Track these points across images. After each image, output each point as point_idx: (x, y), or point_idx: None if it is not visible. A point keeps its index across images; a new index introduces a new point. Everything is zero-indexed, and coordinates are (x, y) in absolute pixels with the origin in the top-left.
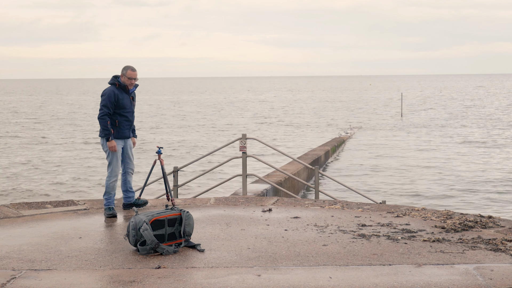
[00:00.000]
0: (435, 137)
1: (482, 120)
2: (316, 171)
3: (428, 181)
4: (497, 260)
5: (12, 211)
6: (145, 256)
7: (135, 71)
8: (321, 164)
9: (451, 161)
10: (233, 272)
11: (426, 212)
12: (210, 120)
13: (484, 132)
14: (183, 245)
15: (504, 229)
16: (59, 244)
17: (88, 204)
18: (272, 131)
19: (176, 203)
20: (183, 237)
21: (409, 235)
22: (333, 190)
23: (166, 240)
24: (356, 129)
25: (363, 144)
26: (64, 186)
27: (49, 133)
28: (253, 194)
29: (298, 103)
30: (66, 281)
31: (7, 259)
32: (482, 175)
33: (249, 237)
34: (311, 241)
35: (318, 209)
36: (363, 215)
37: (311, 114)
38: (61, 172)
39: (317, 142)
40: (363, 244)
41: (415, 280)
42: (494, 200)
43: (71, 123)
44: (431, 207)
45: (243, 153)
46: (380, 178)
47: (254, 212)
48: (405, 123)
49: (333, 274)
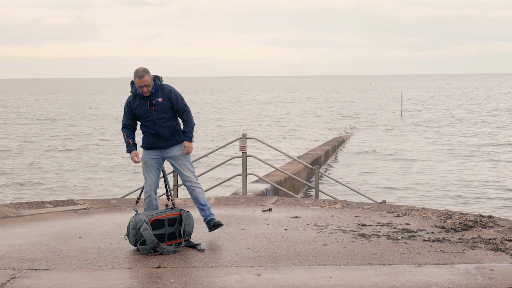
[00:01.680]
0: (435, 137)
1: (482, 121)
2: (316, 171)
3: (428, 181)
4: (497, 260)
5: (12, 211)
6: (145, 255)
7: (142, 78)
8: (321, 163)
9: (451, 161)
10: (233, 272)
11: (426, 211)
12: (211, 120)
13: (485, 132)
14: (183, 245)
15: (504, 229)
16: (59, 244)
17: (88, 203)
18: (272, 131)
19: (176, 202)
20: (183, 236)
21: (409, 235)
22: (333, 190)
23: (166, 240)
24: (356, 128)
25: (363, 143)
26: (64, 186)
27: (51, 133)
28: (253, 193)
29: (298, 103)
30: (66, 280)
31: (7, 258)
32: (483, 175)
33: (249, 236)
34: (311, 240)
35: (318, 209)
36: (363, 215)
37: (311, 113)
38: (61, 172)
39: (317, 141)
40: (363, 243)
41: (415, 279)
42: (494, 200)
43: (70, 123)
44: (431, 206)
45: (243, 153)
46: (380, 177)
47: (254, 211)
48: (405, 122)
49: (333, 274)
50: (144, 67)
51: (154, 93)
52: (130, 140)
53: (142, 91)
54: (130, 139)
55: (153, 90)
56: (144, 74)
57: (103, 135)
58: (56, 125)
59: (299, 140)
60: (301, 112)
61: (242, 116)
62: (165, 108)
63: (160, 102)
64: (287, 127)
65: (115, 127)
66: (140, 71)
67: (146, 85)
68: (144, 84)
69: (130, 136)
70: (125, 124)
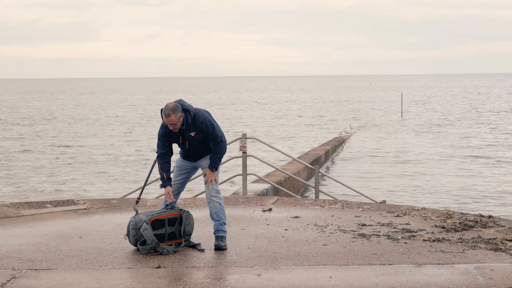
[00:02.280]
0: (436, 137)
1: (483, 121)
2: (316, 171)
3: (428, 181)
4: (497, 259)
5: (12, 211)
6: (145, 255)
7: (168, 117)
8: (321, 163)
9: (452, 161)
10: (233, 272)
11: (426, 211)
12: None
13: (485, 132)
14: (183, 245)
15: (504, 229)
16: (59, 244)
17: (88, 203)
18: (272, 131)
19: (176, 202)
20: (183, 236)
21: (409, 235)
22: (333, 190)
23: (166, 240)
24: (356, 128)
25: (363, 143)
26: (64, 186)
27: (53, 133)
28: (253, 193)
29: (299, 103)
30: (66, 280)
31: (7, 258)
32: (483, 175)
33: (249, 236)
34: (311, 240)
35: (318, 209)
36: (363, 215)
37: (311, 113)
38: (62, 172)
39: (317, 141)
40: (363, 243)
41: (415, 279)
42: (495, 200)
43: (68, 123)
44: (431, 206)
45: (243, 153)
46: (380, 177)
47: (254, 211)
48: (405, 122)
49: (333, 274)
50: (175, 104)
51: (185, 129)
52: (164, 174)
53: (172, 128)
54: (165, 172)
55: (184, 127)
56: (171, 113)
57: (106, 135)
58: (59, 125)
59: (299, 140)
60: (301, 112)
61: (242, 116)
62: (199, 139)
63: (192, 136)
64: (287, 127)
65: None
66: (168, 109)
67: (173, 124)
68: (171, 123)
69: (165, 168)
70: (161, 153)
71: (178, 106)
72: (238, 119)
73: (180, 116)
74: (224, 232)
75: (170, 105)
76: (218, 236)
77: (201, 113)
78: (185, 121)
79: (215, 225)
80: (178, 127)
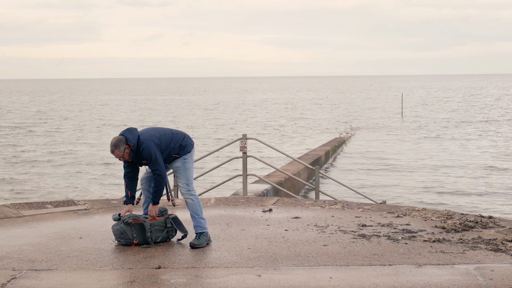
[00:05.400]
0: (436, 137)
1: (483, 122)
2: (317, 171)
3: (429, 181)
4: (497, 260)
5: (12, 211)
6: (145, 256)
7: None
8: (321, 164)
9: (452, 161)
10: (234, 272)
11: (427, 212)
12: (211, 120)
13: (485, 132)
14: (174, 235)
15: (505, 229)
16: (60, 244)
17: (88, 204)
18: (273, 131)
19: (177, 203)
20: None
21: (410, 235)
22: (333, 190)
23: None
24: (356, 129)
25: (363, 144)
26: (65, 186)
27: (54, 132)
28: (254, 194)
29: (299, 103)
30: (66, 281)
31: (7, 259)
32: (483, 175)
33: (250, 237)
34: (312, 241)
35: (319, 209)
36: (364, 215)
37: (312, 114)
38: (62, 171)
39: (317, 142)
40: (364, 244)
41: (416, 280)
42: (495, 200)
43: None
44: (431, 207)
45: (244, 153)
46: (380, 178)
47: (254, 212)
48: (406, 123)
49: (333, 274)
50: (117, 139)
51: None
52: (129, 192)
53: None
54: (130, 190)
55: (131, 158)
56: (114, 149)
57: (106, 136)
58: (64, 124)
59: (299, 140)
60: (302, 112)
61: (242, 116)
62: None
63: (145, 162)
64: (287, 127)
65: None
66: (111, 145)
67: (119, 158)
68: (117, 157)
69: (130, 186)
70: (126, 172)
71: (121, 140)
72: (238, 119)
73: (124, 149)
74: (201, 228)
75: (113, 140)
76: (196, 234)
77: (144, 142)
78: (131, 153)
79: (193, 221)
80: (127, 158)
